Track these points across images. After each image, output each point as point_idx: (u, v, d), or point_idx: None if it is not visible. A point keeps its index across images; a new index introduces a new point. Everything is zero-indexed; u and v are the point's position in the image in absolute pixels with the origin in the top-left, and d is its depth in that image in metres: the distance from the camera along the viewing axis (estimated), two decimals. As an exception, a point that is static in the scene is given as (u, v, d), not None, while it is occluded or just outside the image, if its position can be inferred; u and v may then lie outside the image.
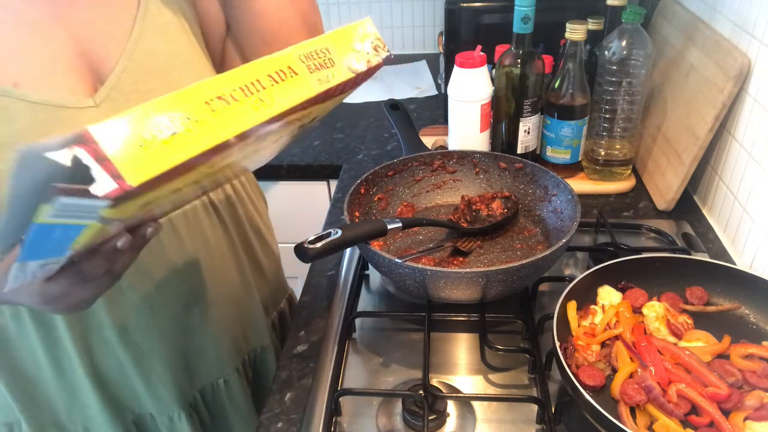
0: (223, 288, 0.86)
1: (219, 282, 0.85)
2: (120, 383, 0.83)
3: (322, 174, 1.34)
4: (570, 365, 0.66)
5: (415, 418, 0.69)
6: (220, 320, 0.86)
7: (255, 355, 0.96)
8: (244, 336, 0.93)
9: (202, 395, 0.90)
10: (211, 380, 0.90)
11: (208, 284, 0.83)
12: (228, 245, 0.86)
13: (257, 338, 0.95)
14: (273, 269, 1.01)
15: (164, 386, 0.84)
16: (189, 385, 0.87)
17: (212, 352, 0.88)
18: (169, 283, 0.78)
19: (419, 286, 0.77)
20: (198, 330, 0.85)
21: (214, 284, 0.84)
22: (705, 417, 0.61)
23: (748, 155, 0.91)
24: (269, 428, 0.71)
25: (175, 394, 0.85)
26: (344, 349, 0.81)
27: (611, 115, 1.07)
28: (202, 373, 0.88)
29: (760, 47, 0.88)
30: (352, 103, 1.61)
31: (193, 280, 0.81)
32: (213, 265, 0.83)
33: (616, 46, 1.02)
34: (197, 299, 0.83)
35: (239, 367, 0.92)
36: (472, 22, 1.26)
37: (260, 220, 0.95)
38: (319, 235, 0.73)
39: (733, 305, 0.76)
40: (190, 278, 0.81)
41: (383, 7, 1.88)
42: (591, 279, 0.76)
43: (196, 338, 0.85)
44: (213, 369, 0.89)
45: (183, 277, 0.80)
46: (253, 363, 0.96)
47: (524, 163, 0.98)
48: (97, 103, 0.68)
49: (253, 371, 0.97)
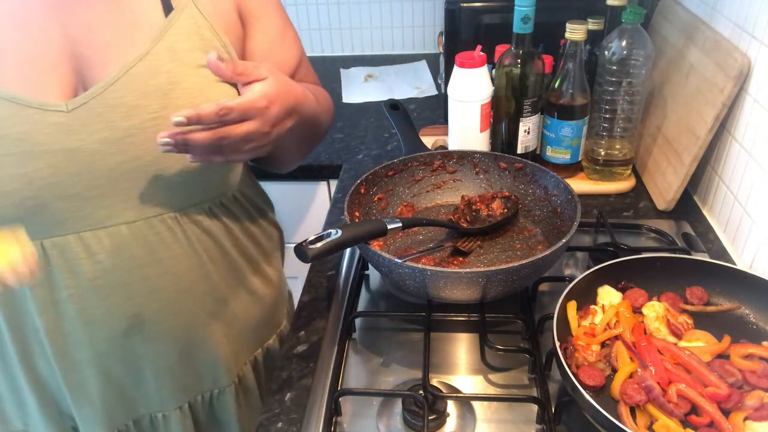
0: (176, 322, 0.80)
1: (174, 314, 0.79)
2: (55, 391, 0.80)
3: (322, 174, 1.34)
4: (570, 365, 0.66)
5: (415, 418, 0.69)
6: (165, 354, 0.81)
7: (210, 396, 0.89)
8: (196, 375, 0.86)
9: (136, 425, 0.85)
10: (148, 412, 0.85)
11: (159, 315, 0.78)
12: (197, 272, 0.79)
13: (213, 380, 0.88)
14: (267, 301, 0.93)
15: (92, 407, 0.80)
16: (121, 412, 0.83)
17: (152, 385, 0.82)
18: (111, 304, 0.74)
19: (419, 286, 0.77)
20: (138, 358, 0.79)
21: (166, 316, 0.78)
22: (705, 417, 0.61)
23: (748, 155, 0.91)
24: (269, 428, 0.71)
25: (102, 417, 0.81)
26: (344, 349, 0.81)
27: (611, 115, 1.07)
28: (138, 403, 0.84)
29: (760, 47, 0.88)
30: (352, 103, 1.61)
31: (140, 306, 0.76)
32: (170, 293, 0.77)
33: (616, 46, 1.02)
34: (141, 327, 0.77)
35: (184, 405, 0.86)
36: (472, 22, 1.26)
37: (254, 246, 0.89)
38: (319, 235, 0.73)
39: (733, 305, 0.76)
40: (137, 303, 0.76)
41: (383, 7, 1.88)
42: (591, 279, 0.76)
43: (135, 366, 0.80)
44: (152, 401, 0.84)
45: (128, 301, 0.75)
46: (209, 404, 0.90)
47: (524, 163, 0.98)
48: (68, 109, 0.66)
49: (209, 413, 0.90)
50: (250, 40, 0.81)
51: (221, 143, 0.66)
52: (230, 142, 0.66)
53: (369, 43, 1.94)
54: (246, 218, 0.87)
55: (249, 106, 0.66)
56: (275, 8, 0.85)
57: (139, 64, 0.68)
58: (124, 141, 0.68)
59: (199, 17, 0.73)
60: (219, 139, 0.65)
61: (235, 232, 0.84)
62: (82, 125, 0.66)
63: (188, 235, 0.77)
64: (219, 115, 0.63)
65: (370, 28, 1.92)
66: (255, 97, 0.66)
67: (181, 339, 0.81)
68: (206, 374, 0.87)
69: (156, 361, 0.81)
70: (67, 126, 0.66)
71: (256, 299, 0.91)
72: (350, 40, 1.94)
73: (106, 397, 0.80)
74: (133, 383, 0.81)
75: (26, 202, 0.66)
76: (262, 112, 0.67)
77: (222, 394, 0.89)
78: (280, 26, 0.85)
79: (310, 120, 0.81)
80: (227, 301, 0.85)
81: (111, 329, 0.76)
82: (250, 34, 0.81)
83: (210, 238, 0.80)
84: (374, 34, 1.93)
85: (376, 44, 1.94)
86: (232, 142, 0.66)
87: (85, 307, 0.73)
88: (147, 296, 0.76)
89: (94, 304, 0.74)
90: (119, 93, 0.67)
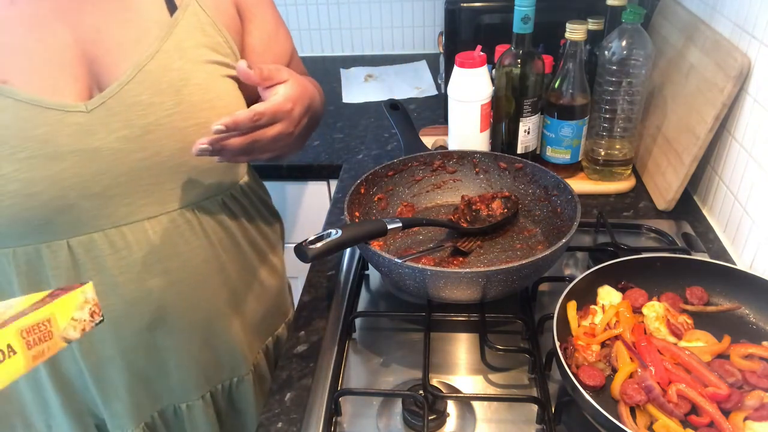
0: (196, 314, 0.83)
1: (193, 306, 0.82)
2: (81, 389, 0.81)
3: (322, 174, 1.34)
4: (570, 365, 0.66)
5: (415, 418, 0.69)
6: (187, 346, 0.84)
7: (230, 385, 0.92)
8: (216, 364, 0.89)
9: (161, 416, 0.88)
10: (172, 402, 0.87)
11: (180, 307, 0.80)
12: (213, 264, 0.83)
13: (231, 369, 0.91)
14: (274, 291, 0.97)
15: (120, 402, 0.82)
16: (147, 404, 0.85)
17: (175, 376, 0.85)
18: (135, 298, 0.76)
19: (419, 286, 0.77)
20: (162, 351, 0.82)
21: (186, 308, 0.81)
22: (705, 417, 0.61)
23: (748, 155, 0.91)
24: (269, 428, 0.71)
25: (131, 411, 0.83)
26: (344, 349, 0.81)
27: (611, 115, 1.07)
28: (162, 394, 0.86)
29: (760, 47, 0.88)
30: (352, 103, 1.61)
31: (162, 299, 0.78)
32: (189, 286, 0.80)
33: (616, 46, 1.02)
34: (164, 320, 0.80)
35: (206, 395, 0.89)
36: (472, 22, 1.26)
37: (261, 237, 0.92)
38: (319, 235, 0.73)
39: (733, 305, 0.76)
40: (159, 296, 0.78)
41: (383, 7, 1.88)
42: (591, 279, 0.76)
43: (159, 359, 0.82)
44: (176, 392, 0.87)
45: (151, 294, 0.77)
46: (228, 393, 0.93)
47: (524, 163, 0.98)
48: (88, 109, 0.67)
49: (228, 402, 0.93)
50: (248, 35, 0.84)
51: (254, 146, 0.69)
52: (261, 145, 0.70)
53: (369, 43, 1.94)
54: (253, 210, 0.90)
55: (278, 108, 0.69)
56: (268, 4, 0.88)
57: (150, 63, 0.70)
58: (143, 138, 0.70)
59: (201, 14, 0.75)
60: (252, 143, 0.68)
61: (245, 224, 0.88)
62: (102, 125, 0.68)
63: (205, 228, 0.80)
64: (253, 121, 0.66)
65: (370, 28, 1.92)
66: (281, 101, 0.70)
67: (201, 330, 0.84)
68: (226, 363, 0.90)
69: (179, 352, 0.83)
70: (87, 126, 0.67)
71: (264, 289, 0.94)
72: (350, 40, 1.94)
73: (133, 391, 0.82)
74: (158, 375, 0.84)
75: (54, 202, 0.68)
76: (288, 114, 0.71)
77: (241, 383, 0.93)
78: (274, 21, 0.88)
79: (317, 113, 0.85)
80: (240, 292, 0.88)
81: (136, 324, 0.78)
82: (248, 29, 0.83)
83: (224, 230, 0.83)
84: (374, 34, 1.93)
85: (376, 44, 1.94)
86: (263, 144, 0.70)
87: (111, 303, 0.75)
88: (169, 289, 0.78)
89: (120, 300, 0.75)
90: (135, 92, 0.69)
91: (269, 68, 0.71)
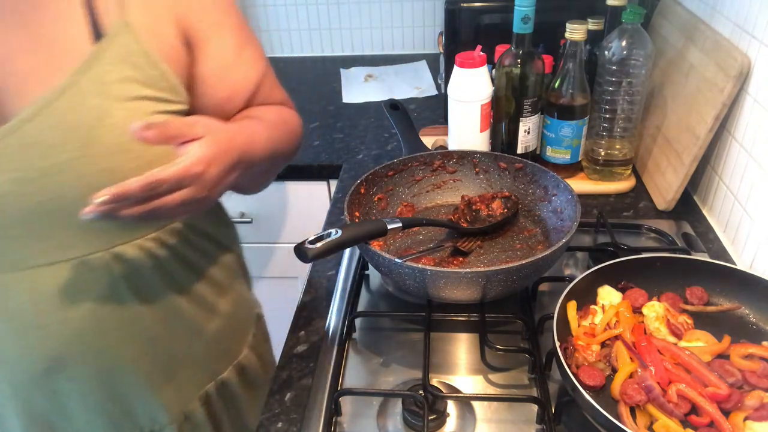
0: (99, 362, 0.75)
1: (96, 355, 0.74)
2: None
3: (322, 174, 1.34)
4: (570, 365, 0.66)
5: (415, 418, 0.69)
6: (90, 393, 0.77)
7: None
8: (127, 413, 0.81)
9: None
10: None
11: (80, 354, 0.73)
12: (124, 312, 0.74)
13: (150, 418, 0.82)
14: (212, 335, 0.86)
15: None
16: None
17: (80, 421, 0.78)
18: (26, 344, 0.71)
19: (419, 286, 0.77)
20: (61, 395, 0.76)
21: (87, 356, 0.74)
22: (705, 417, 0.61)
23: (748, 155, 0.91)
24: (269, 428, 0.71)
25: None
26: (344, 349, 0.81)
27: (611, 115, 1.07)
28: None
29: (760, 47, 0.88)
30: (352, 103, 1.61)
31: (58, 347, 0.72)
32: (91, 335, 0.73)
33: (616, 46, 1.02)
34: (62, 368, 0.73)
35: None
36: (472, 22, 1.26)
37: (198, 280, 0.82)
38: (319, 235, 0.73)
39: (733, 305, 0.76)
40: (55, 344, 0.72)
41: (383, 7, 1.88)
42: (591, 279, 0.76)
43: (59, 403, 0.76)
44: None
45: (45, 342, 0.71)
46: None
47: (524, 163, 0.98)
48: None
49: None
50: (199, 65, 0.75)
51: (155, 213, 0.60)
52: (165, 211, 0.60)
53: (369, 43, 1.94)
54: (189, 249, 0.80)
55: (183, 174, 0.59)
56: (229, 28, 0.77)
57: (60, 99, 0.62)
58: (40, 181, 0.63)
59: (132, 44, 0.66)
60: (151, 211, 0.59)
61: (174, 267, 0.77)
62: None
63: (114, 276, 0.72)
64: (148, 190, 0.57)
65: (370, 28, 1.92)
66: (189, 163, 0.59)
67: (107, 379, 0.77)
68: (141, 413, 0.82)
69: (82, 398, 0.77)
70: None
71: (197, 334, 0.84)
72: (350, 40, 1.94)
73: None
74: (61, 419, 0.78)
75: None
76: (197, 178, 0.60)
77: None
78: (234, 47, 0.78)
79: (266, 159, 0.75)
80: (161, 339, 0.79)
81: (29, 369, 0.73)
82: (198, 59, 0.74)
83: (140, 278, 0.74)
84: (374, 34, 1.93)
85: (376, 44, 1.94)
86: (167, 211, 0.60)
87: (4, 343, 0.71)
88: (67, 338, 0.72)
89: (10, 345, 0.71)
90: (36, 130, 0.62)
91: (177, 125, 0.61)
